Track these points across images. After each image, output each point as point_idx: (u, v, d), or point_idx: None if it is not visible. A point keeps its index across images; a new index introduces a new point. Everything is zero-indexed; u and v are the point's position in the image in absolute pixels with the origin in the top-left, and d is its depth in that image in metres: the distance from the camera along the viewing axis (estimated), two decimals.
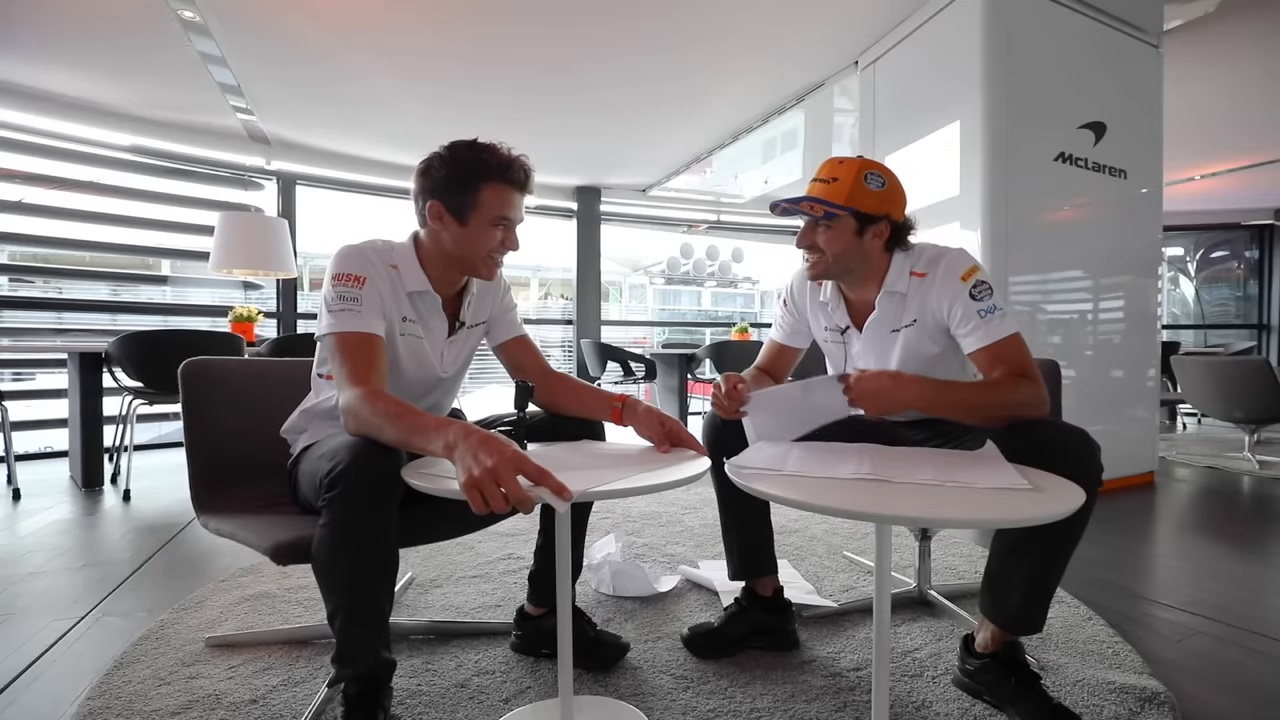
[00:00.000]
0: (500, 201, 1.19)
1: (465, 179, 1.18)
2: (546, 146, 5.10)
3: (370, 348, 1.12)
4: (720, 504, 1.43)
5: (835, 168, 1.29)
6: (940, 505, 0.81)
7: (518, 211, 1.23)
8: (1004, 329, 1.21)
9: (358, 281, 1.14)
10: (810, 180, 1.32)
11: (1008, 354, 1.20)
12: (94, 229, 4.28)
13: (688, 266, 10.93)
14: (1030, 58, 2.79)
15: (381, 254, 1.21)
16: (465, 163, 1.18)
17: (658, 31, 3.27)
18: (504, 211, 1.20)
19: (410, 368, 1.26)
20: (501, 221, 1.21)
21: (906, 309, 1.31)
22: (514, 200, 1.21)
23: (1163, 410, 4.57)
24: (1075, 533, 1.10)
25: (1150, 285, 3.22)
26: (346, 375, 1.08)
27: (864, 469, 0.95)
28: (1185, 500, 2.91)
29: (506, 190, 1.20)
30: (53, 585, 1.82)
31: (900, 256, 1.32)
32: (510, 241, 1.24)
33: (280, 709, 1.18)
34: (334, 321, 1.12)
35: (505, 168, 1.19)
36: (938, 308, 1.27)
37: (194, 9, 2.92)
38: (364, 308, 1.13)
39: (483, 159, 1.18)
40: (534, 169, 1.25)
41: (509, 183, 1.20)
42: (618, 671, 1.32)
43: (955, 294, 1.24)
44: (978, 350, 1.22)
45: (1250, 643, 1.48)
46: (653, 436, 1.21)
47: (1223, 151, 5.30)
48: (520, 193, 1.22)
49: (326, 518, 0.96)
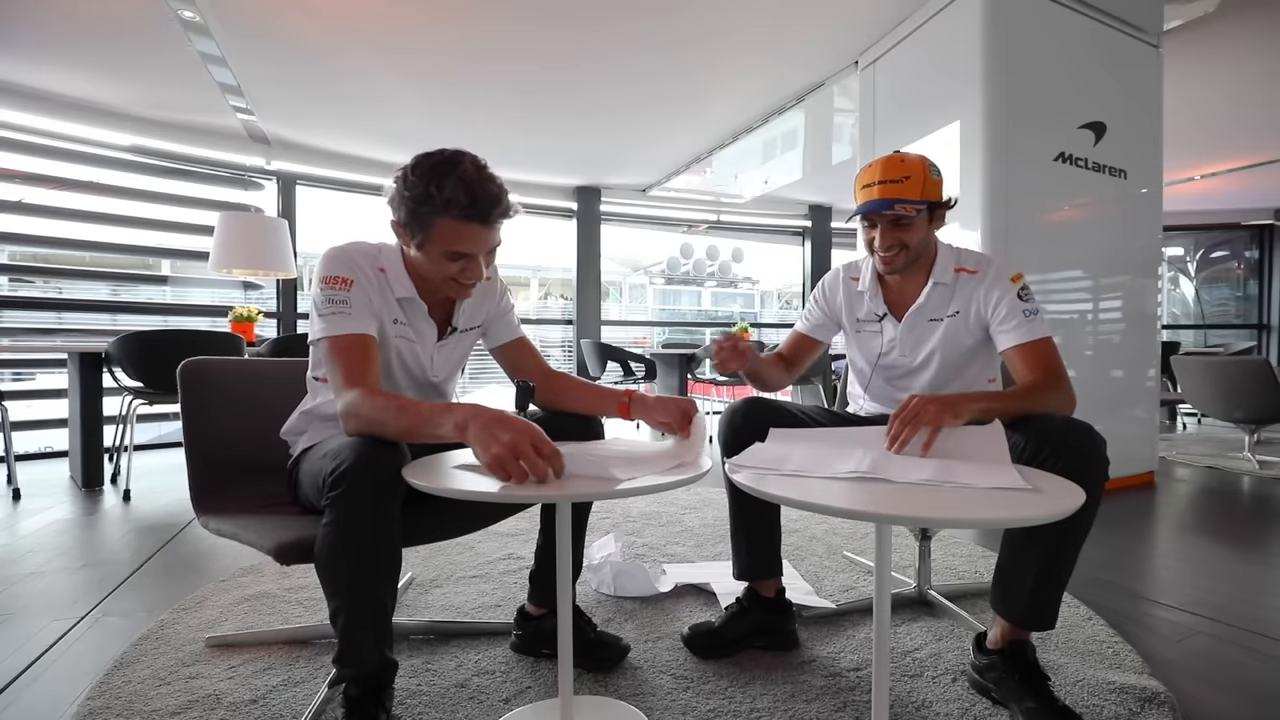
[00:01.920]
0: (453, 237, 1.09)
1: (416, 208, 1.07)
2: (546, 146, 5.11)
3: (363, 348, 1.12)
4: (731, 502, 1.43)
5: (900, 166, 1.31)
6: (940, 505, 0.81)
7: (477, 245, 1.11)
8: (1041, 330, 1.30)
9: (345, 284, 1.13)
10: (871, 184, 1.32)
11: (1041, 354, 1.28)
12: (94, 229, 4.28)
13: (688, 266, 10.93)
14: (1030, 58, 2.79)
15: (369, 256, 1.19)
16: (418, 191, 1.06)
17: (658, 31, 3.27)
18: (456, 247, 1.10)
19: (403, 370, 1.26)
20: (457, 257, 1.11)
21: (952, 301, 1.39)
22: (471, 234, 1.09)
23: (1163, 410, 4.57)
24: (1083, 527, 1.10)
25: (1150, 285, 3.22)
26: (341, 378, 1.08)
27: (864, 467, 0.95)
28: (1185, 500, 2.91)
29: (461, 225, 1.07)
30: (53, 585, 1.82)
31: (945, 250, 1.41)
32: (472, 273, 1.14)
33: (280, 709, 1.18)
34: (325, 325, 1.12)
35: (460, 204, 1.05)
36: (984, 303, 1.35)
37: (194, 9, 2.92)
38: (354, 309, 1.13)
39: (432, 192, 1.05)
40: (509, 192, 1.12)
41: (465, 219, 1.07)
42: (618, 671, 1.32)
43: (1004, 292, 1.33)
44: (1014, 347, 1.30)
45: (1250, 643, 1.48)
46: (672, 422, 1.18)
47: (1223, 151, 5.30)
48: (482, 225, 1.09)
49: (329, 516, 0.96)
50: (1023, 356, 1.28)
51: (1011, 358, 1.31)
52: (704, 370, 5.22)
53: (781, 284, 11.08)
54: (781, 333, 5.37)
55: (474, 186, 1.06)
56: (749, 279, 11.61)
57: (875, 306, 1.47)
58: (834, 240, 7.15)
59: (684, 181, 6.04)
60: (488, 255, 1.16)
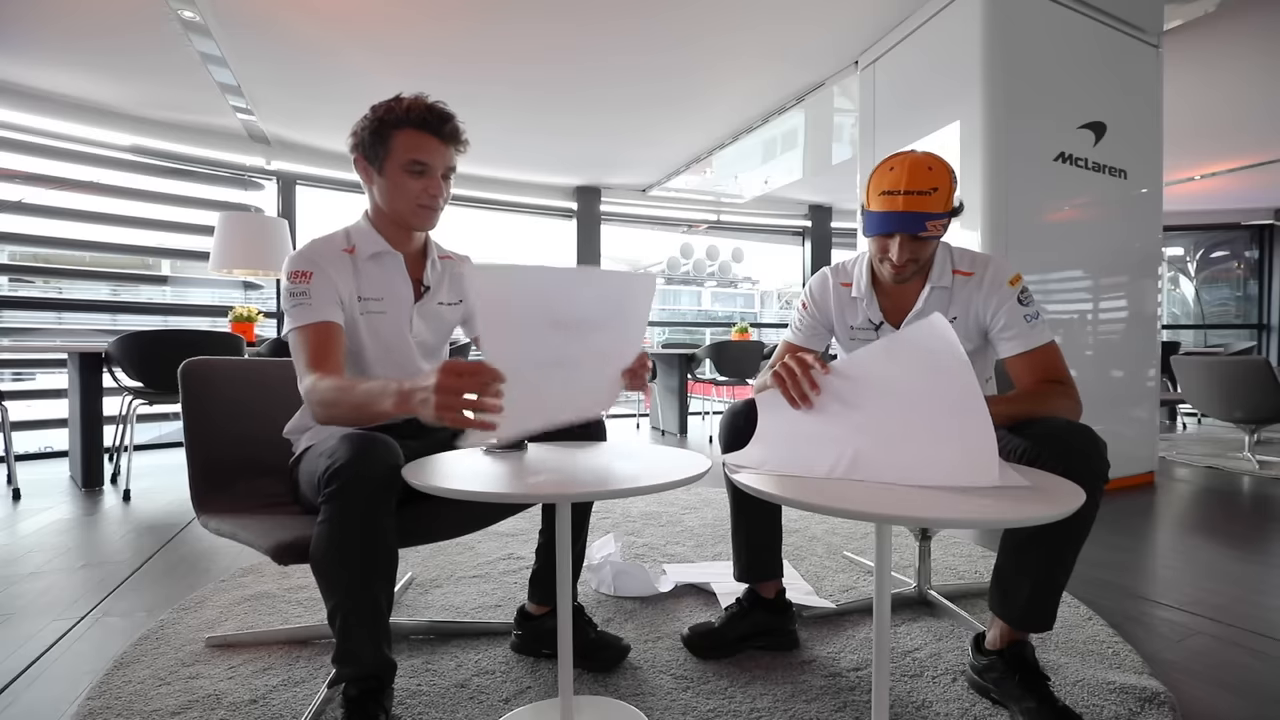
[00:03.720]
0: (411, 145, 1.18)
1: (378, 129, 1.19)
2: (546, 146, 5.11)
3: (324, 335, 1.14)
4: (732, 504, 1.42)
5: (928, 175, 1.20)
6: (940, 505, 0.81)
7: (435, 158, 1.20)
8: (1043, 336, 1.25)
9: (304, 277, 1.16)
10: (894, 192, 1.20)
11: (1045, 361, 1.24)
12: (94, 229, 4.28)
13: (688, 266, 10.94)
14: (1030, 58, 2.79)
15: (332, 243, 1.23)
16: (379, 114, 1.19)
17: (658, 31, 3.27)
18: (415, 155, 1.18)
19: (378, 347, 1.25)
20: (414, 167, 1.19)
21: (950, 306, 1.33)
22: (427, 145, 1.19)
23: (1163, 410, 4.57)
24: (1082, 529, 1.10)
25: (1150, 285, 3.22)
26: (303, 364, 1.12)
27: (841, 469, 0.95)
28: (1185, 500, 2.91)
29: (417, 135, 1.18)
30: (53, 585, 1.82)
31: (941, 251, 1.33)
32: (433, 188, 1.21)
33: (280, 709, 1.18)
34: (290, 320, 1.15)
35: (414, 112, 1.17)
36: (983, 308, 1.30)
37: (194, 9, 2.92)
38: (313, 299, 1.15)
39: (392, 106, 1.19)
40: (462, 124, 1.23)
41: (420, 128, 1.18)
42: (618, 671, 1.32)
43: (1004, 297, 1.27)
44: (1017, 355, 1.25)
45: (1250, 643, 1.48)
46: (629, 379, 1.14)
47: (1223, 151, 5.30)
48: (436, 138, 1.19)
49: (325, 514, 0.96)
50: (1027, 364, 1.24)
51: (1015, 365, 1.26)
52: (704, 370, 5.22)
53: (781, 284, 11.09)
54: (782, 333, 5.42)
55: (429, 104, 1.20)
56: (749, 279, 11.63)
57: (871, 314, 1.39)
58: (834, 240, 7.15)
59: (684, 181, 6.04)
60: (445, 182, 1.24)
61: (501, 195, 6.03)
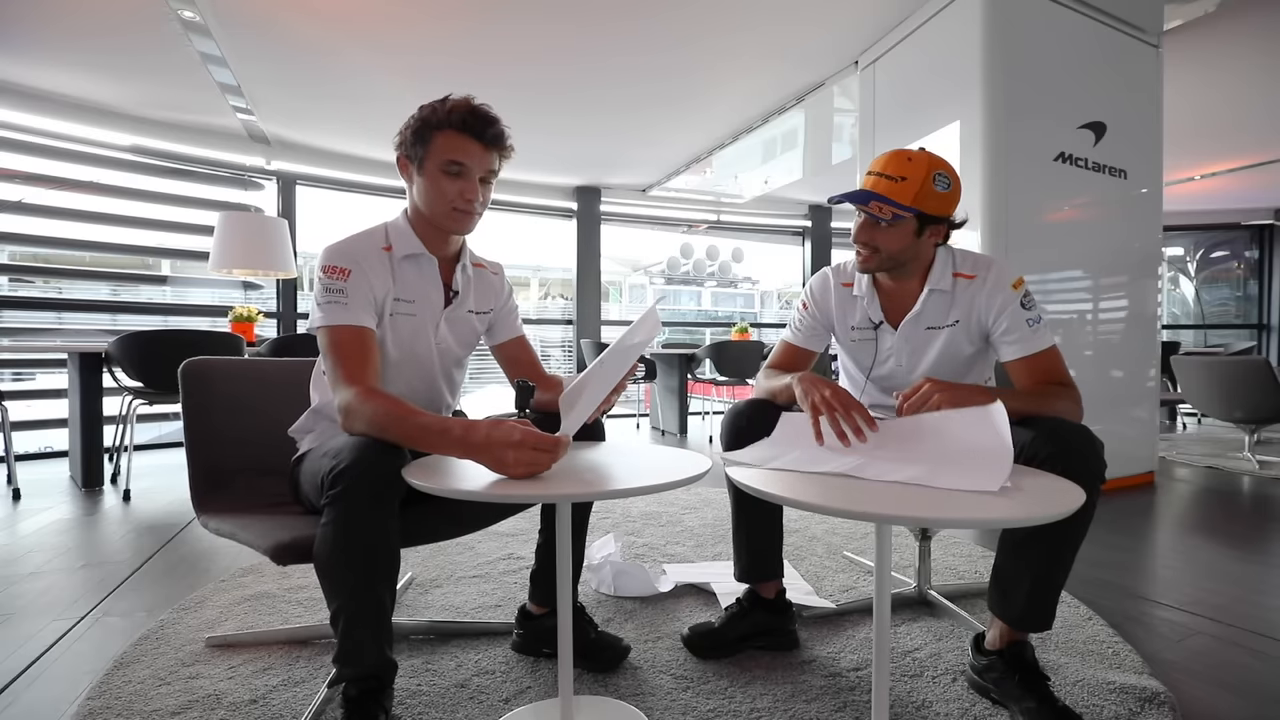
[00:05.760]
0: (450, 147, 1.17)
1: (420, 128, 1.18)
2: (546, 146, 5.11)
3: (361, 342, 1.13)
4: (733, 504, 1.42)
5: (903, 164, 1.23)
6: (940, 505, 0.81)
7: (473, 161, 1.18)
8: (1045, 340, 1.25)
9: (342, 274, 1.15)
10: (871, 172, 1.26)
11: (1047, 365, 1.24)
12: (94, 229, 4.28)
13: (688, 266, 10.94)
14: (1030, 58, 2.79)
15: (372, 238, 1.22)
16: (423, 113, 1.19)
17: (658, 31, 3.27)
18: (453, 156, 1.16)
19: (402, 352, 1.24)
20: (452, 168, 1.17)
21: (952, 309, 1.32)
22: (467, 148, 1.17)
23: (1163, 410, 4.57)
24: (1079, 529, 1.10)
25: (1150, 285, 3.22)
26: (341, 375, 1.09)
27: (847, 467, 0.96)
28: (1185, 500, 2.91)
29: (457, 137, 1.17)
30: (53, 585, 1.82)
31: (942, 254, 1.33)
32: (469, 192, 1.18)
33: (280, 709, 1.18)
34: (322, 315, 1.13)
35: (456, 114, 1.16)
36: (985, 312, 1.29)
37: (194, 9, 2.92)
38: (350, 299, 1.14)
39: (436, 107, 1.18)
40: (508, 128, 1.22)
41: (460, 130, 1.17)
42: (618, 671, 1.32)
43: (1006, 301, 1.27)
44: (1018, 359, 1.25)
45: (1250, 643, 1.48)
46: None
47: (1223, 151, 5.30)
48: (477, 142, 1.18)
49: (328, 516, 0.96)
50: (1028, 368, 1.25)
51: (1016, 369, 1.27)
52: (704, 370, 5.22)
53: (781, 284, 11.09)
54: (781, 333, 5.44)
55: (473, 107, 1.19)
56: (749, 279, 11.62)
57: (872, 313, 1.39)
58: (834, 240, 7.15)
59: (684, 181, 6.04)
60: (485, 187, 1.22)
61: (501, 195, 6.02)
